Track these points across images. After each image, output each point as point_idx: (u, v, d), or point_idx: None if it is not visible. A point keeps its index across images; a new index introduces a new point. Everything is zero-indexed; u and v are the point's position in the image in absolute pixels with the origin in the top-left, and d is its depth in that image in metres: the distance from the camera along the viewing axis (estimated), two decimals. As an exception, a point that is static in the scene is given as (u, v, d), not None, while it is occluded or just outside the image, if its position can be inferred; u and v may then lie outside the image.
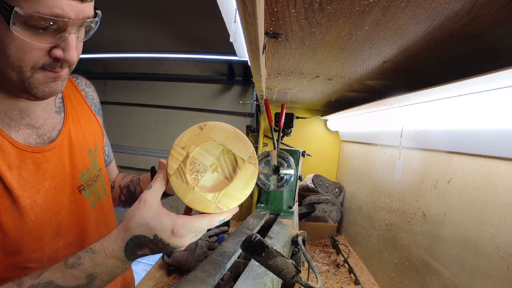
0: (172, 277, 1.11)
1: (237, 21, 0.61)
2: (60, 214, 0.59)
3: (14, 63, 0.47)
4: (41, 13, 0.43)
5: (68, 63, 0.50)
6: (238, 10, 0.41)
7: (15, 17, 0.42)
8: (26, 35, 0.45)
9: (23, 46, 0.46)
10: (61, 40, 0.48)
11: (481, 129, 0.72)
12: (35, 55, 0.47)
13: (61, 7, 0.44)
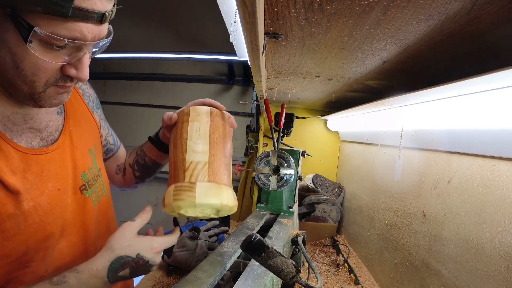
0: (172, 277, 1.11)
1: (237, 21, 0.62)
2: (64, 214, 0.59)
3: (27, 77, 0.48)
4: (60, 35, 0.44)
5: (81, 81, 0.52)
6: (238, 10, 0.41)
7: (33, 35, 0.43)
8: (41, 53, 0.46)
9: (38, 62, 0.47)
10: (75, 59, 0.49)
11: (481, 129, 0.72)
12: (49, 72, 0.49)
13: (80, 30, 0.46)
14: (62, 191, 0.59)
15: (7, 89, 0.51)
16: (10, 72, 0.48)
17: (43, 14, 0.43)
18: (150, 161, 0.81)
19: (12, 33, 0.45)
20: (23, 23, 0.43)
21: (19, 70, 0.47)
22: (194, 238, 1.14)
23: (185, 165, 0.56)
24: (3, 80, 0.50)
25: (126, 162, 0.85)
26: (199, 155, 0.57)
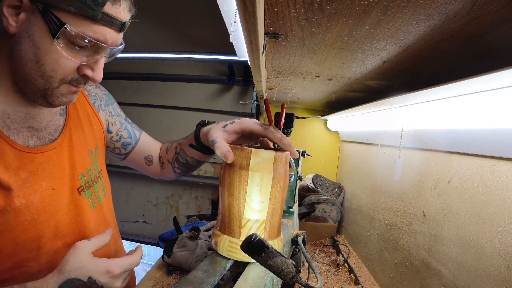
0: (172, 277, 1.11)
1: (237, 21, 0.61)
2: (58, 214, 0.59)
3: (45, 72, 0.50)
4: (87, 35, 0.48)
5: (95, 82, 0.55)
6: (238, 10, 0.41)
7: (62, 32, 0.47)
8: (65, 50, 0.49)
9: (59, 59, 0.49)
10: (92, 60, 0.52)
11: (481, 129, 0.72)
12: (67, 69, 0.51)
13: (104, 34, 0.50)
14: (57, 190, 0.58)
15: (19, 83, 0.52)
16: (29, 66, 0.49)
17: (75, 14, 0.46)
18: (193, 161, 0.79)
19: (39, 28, 0.47)
20: (54, 19, 0.46)
21: (39, 64, 0.49)
22: (194, 238, 1.14)
23: (241, 221, 0.57)
24: (18, 73, 0.51)
25: (164, 157, 0.83)
26: (257, 213, 0.56)
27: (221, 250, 0.59)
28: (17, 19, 0.48)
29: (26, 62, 0.49)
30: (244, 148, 0.56)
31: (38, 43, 0.48)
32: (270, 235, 0.59)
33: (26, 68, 0.50)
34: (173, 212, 2.30)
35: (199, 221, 1.58)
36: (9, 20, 0.48)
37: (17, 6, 0.48)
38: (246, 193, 0.56)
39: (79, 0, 0.46)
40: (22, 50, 0.49)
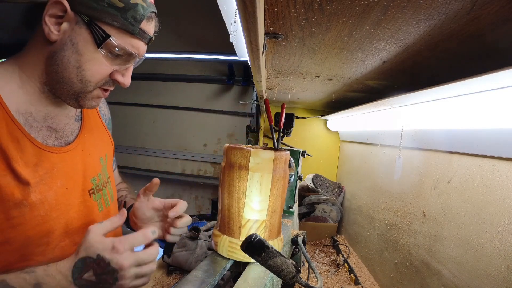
0: (172, 277, 1.11)
1: (237, 21, 0.61)
2: (69, 213, 0.61)
3: (84, 77, 0.56)
4: (126, 47, 0.55)
5: (125, 86, 0.61)
6: (238, 10, 0.41)
7: (106, 43, 0.53)
8: (105, 58, 0.56)
9: (99, 65, 0.56)
10: (123, 68, 0.59)
11: (481, 129, 0.72)
12: (104, 75, 0.57)
13: (138, 47, 0.58)
14: (70, 190, 0.62)
15: (54, 85, 0.57)
16: (69, 70, 0.55)
17: (117, 28, 0.54)
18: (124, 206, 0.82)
19: (84, 37, 0.53)
20: (99, 31, 0.52)
21: (80, 69, 0.55)
22: (194, 238, 1.14)
23: (241, 221, 0.57)
24: (57, 76, 0.56)
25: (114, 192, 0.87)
26: (257, 213, 0.56)
27: (221, 250, 0.59)
28: (59, 28, 0.53)
29: (67, 67, 0.55)
30: (243, 148, 0.56)
31: (82, 50, 0.54)
32: (270, 235, 0.59)
33: (65, 72, 0.55)
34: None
35: (199, 221, 1.58)
36: (51, 29, 0.52)
37: (60, 16, 0.52)
38: (245, 193, 0.56)
39: (122, 16, 0.53)
40: (64, 56, 0.54)
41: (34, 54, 0.57)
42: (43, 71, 0.57)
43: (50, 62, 0.55)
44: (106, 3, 0.52)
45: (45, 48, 0.55)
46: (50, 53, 0.55)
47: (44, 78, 0.57)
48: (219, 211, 0.61)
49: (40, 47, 0.56)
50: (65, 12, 0.52)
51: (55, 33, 0.53)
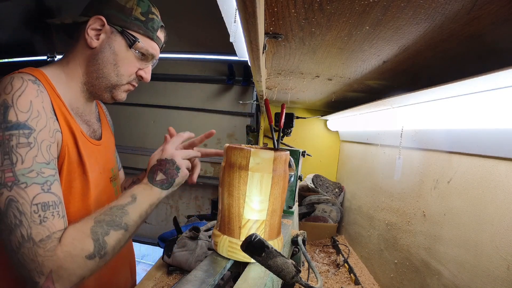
0: (172, 277, 1.11)
1: (237, 21, 0.61)
2: (101, 192, 0.77)
3: (119, 71, 0.74)
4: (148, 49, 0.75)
5: (146, 81, 0.80)
6: (238, 10, 0.41)
7: (135, 45, 0.73)
8: (134, 57, 0.75)
9: (130, 62, 0.75)
10: (145, 66, 0.79)
11: (481, 129, 0.72)
12: (132, 70, 0.76)
13: (155, 49, 0.78)
14: (102, 174, 0.79)
15: (94, 81, 0.74)
16: (108, 67, 0.73)
17: (142, 35, 0.74)
18: None
19: (118, 42, 0.72)
20: (130, 36, 0.72)
21: (116, 66, 0.73)
22: (194, 238, 1.14)
23: (241, 221, 0.57)
24: (97, 72, 0.73)
25: (122, 185, 0.99)
26: (257, 214, 0.56)
27: (221, 250, 0.59)
28: (98, 37, 0.71)
29: (107, 64, 0.72)
30: (243, 148, 0.56)
31: (117, 51, 0.72)
32: (270, 235, 0.59)
33: (105, 69, 0.73)
34: (173, 212, 2.31)
35: (199, 221, 1.58)
36: (92, 38, 0.70)
37: (99, 29, 0.71)
38: (245, 193, 0.56)
39: (145, 26, 0.73)
40: (104, 56, 0.72)
41: (76, 58, 0.73)
42: (84, 71, 0.73)
43: (91, 63, 0.72)
44: (133, 17, 0.72)
45: (86, 53, 0.72)
46: (91, 56, 0.72)
47: (84, 78, 0.74)
48: (219, 211, 0.61)
49: (81, 52, 0.72)
50: (103, 26, 0.70)
51: (95, 41, 0.71)
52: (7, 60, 2.83)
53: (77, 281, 0.57)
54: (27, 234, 0.54)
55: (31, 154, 0.57)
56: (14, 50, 2.71)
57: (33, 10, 2.43)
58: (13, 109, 0.57)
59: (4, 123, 0.56)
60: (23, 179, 0.55)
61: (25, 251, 0.54)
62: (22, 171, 0.55)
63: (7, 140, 0.56)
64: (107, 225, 0.61)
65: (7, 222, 0.54)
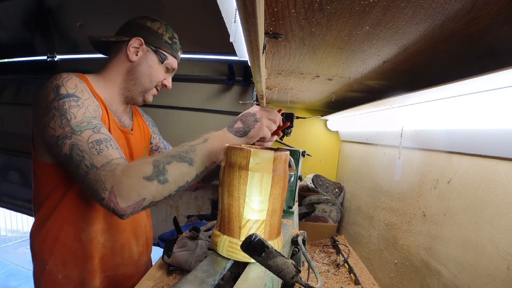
0: (172, 277, 1.11)
1: (237, 21, 0.61)
2: None
3: (152, 80, 0.96)
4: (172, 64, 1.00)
5: (169, 89, 1.03)
6: (238, 10, 0.41)
7: (165, 62, 0.97)
8: (163, 70, 0.98)
9: (159, 73, 0.97)
10: (168, 77, 1.02)
11: (481, 129, 0.72)
12: (161, 79, 0.98)
13: (175, 64, 1.01)
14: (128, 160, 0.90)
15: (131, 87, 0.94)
16: (144, 77, 0.94)
17: (169, 53, 0.97)
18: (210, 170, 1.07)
19: (152, 58, 0.94)
20: (162, 54, 0.96)
21: (150, 76, 0.95)
22: (194, 238, 1.14)
23: (241, 221, 0.56)
24: (134, 81, 0.94)
25: None
26: (257, 214, 0.56)
27: (221, 250, 0.59)
28: (136, 54, 0.92)
29: (143, 74, 0.94)
30: (243, 148, 0.56)
31: (152, 65, 0.95)
32: (270, 235, 0.59)
33: (142, 78, 0.94)
34: (173, 212, 2.30)
35: (199, 221, 1.58)
36: (132, 54, 0.91)
37: (137, 47, 0.92)
38: (245, 193, 0.56)
39: (171, 47, 0.97)
40: (142, 68, 0.93)
41: (115, 68, 0.93)
42: (122, 79, 0.93)
43: (130, 73, 0.93)
44: (164, 40, 0.95)
45: (125, 65, 0.93)
46: (130, 67, 0.93)
47: (122, 84, 0.93)
48: (219, 211, 0.61)
49: (121, 64, 0.93)
50: (140, 45, 0.92)
51: (134, 56, 0.92)
52: (7, 60, 2.83)
53: (138, 200, 0.68)
54: (90, 163, 0.69)
55: (81, 112, 0.75)
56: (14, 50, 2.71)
57: (33, 10, 2.43)
58: (63, 87, 0.76)
59: (58, 96, 0.75)
60: (78, 128, 0.72)
61: (91, 176, 0.69)
62: (76, 124, 0.73)
63: (61, 106, 0.74)
64: (171, 157, 0.72)
65: (73, 161, 0.70)
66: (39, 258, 0.88)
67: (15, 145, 2.83)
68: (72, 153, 0.70)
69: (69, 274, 0.87)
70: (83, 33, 2.40)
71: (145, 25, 0.93)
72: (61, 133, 0.72)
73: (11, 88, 2.83)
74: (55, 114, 0.73)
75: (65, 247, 0.86)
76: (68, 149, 0.71)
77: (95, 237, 0.88)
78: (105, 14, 2.26)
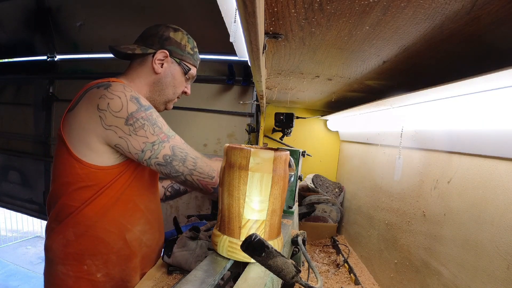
0: (172, 277, 1.11)
1: (237, 21, 0.61)
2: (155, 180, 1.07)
3: (176, 90, 1.02)
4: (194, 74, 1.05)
5: (187, 95, 1.08)
6: (238, 10, 0.41)
7: (188, 72, 1.01)
8: (185, 80, 1.03)
9: (182, 84, 1.03)
10: (188, 85, 1.07)
11: (481, 129, 0.72)
12: (182, 89, 1.04)
13: (195, 74, 1.05)
14: None
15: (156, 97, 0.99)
16: (169, 88, 1.00)
17: (191, 64, 1.02)
18: (184, 190, 1.30)
19: (176, 70, 0.99)
20: (186, 66, 1.00)
21: (174, 86, 1.01)
22: (194, 238, 1.14)
23: (241, 221, 0.57)
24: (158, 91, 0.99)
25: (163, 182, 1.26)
26: (257, 213, 0.56)
27: (221, 250, 0.59)
28: (162, 66, 0.96)
29: (168, 86, 0.99)
30: (243, 148, 0.56)
31: (176, 77, 1.00)
32: (270, 235, 0.59)
33: (167, 89, 0.99)
34: (173, 212, 2.30)
35: (199, 221, 1.57)
36: (158, 66, 0.95)
37: (162, 60, 0.96)
38: (245, 193, 0.56)
39: (193, 57, 1.01)
40: (167, 80, 0.98)
41: (141, 79, 0.97)
42: (148, 90, 0.98)
43: (155, 84, 0.97)
44: (187, 52, 0.99)
45: (151, 76, 0.97)
46: (156, 79, 0.97)
47: (147, 94, 0.98)
48: (219, 211, 0.61)
49: (147, 76, 0.97)
50: (165, 57, 0.96)
51: (160, 68, 0.96)
52: (7, 60, 2.83)
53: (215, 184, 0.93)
54: (195, 155, 0.90)
55: (163, 121, 0.88)
56: (14, 50, 2.71)
57: (33, 10, 2.43)
58: (141, 98, 0.86)
59: (142, 107, 0.84)
60: (171, 133, 0.88)
61: (200, 163, 0.90)
62: (167, 131, 0.87)
63: (150, 116, 0.84)
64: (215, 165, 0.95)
65: (178, 158, 0.86)
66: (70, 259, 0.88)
67: (15, 145, 2.83)
68: (175, 152, 0.86)
69: (110, 272, 0.91)
70: (83, 33, 2.40)
71: (168, 36, 0.96)
72: (156, 139, 0.83)
73: (11, 88, 2.83)
74: (144, 124, 0.82)
75: (108, 246, 0.90)
76: (169, 151, 0.85)
77: (139, 237, 0.97)
78: (105, 14, 2.26)
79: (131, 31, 2.18)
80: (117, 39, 2.14)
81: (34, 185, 2.76)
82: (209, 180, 0.90)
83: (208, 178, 0.90)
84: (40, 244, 4.20)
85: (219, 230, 0.60)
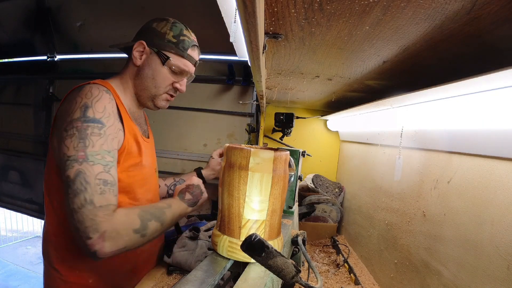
0: (172, 277, 1.11)
1: (237, 21, 0.61)
2: (151, 176, 0.99)
3: (157, 84, 0.92)
4: (179, 65, 0.91)
5: (182, 92, 0.97)
6: (238, 10, 0.41)
7: (167, 62, 0.89)
8: (168, 72, 0.91)
9: (165, 77, 0.92)
10: (179, 80, 0.95)
11: (481, 129, 0.72)
12: (167, 83, 0.93)
13: (187, 65, 0.93)
14: (152, 164, 1.01)
15: (139, 92, 0.93)
16: (148, 80, 0.91)
17: (174, 54, 0.90)
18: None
19: (154, 60, 0.90)
20: (164, 55, 0.89)
21: (154, 79, 0.91)
22: (194, 238, 1.14)
23: (241, 221, 0.57)
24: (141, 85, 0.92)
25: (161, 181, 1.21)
26: (257, 214, 0.56)
27: (221, 250, 0.59)
28: (141, 57, 0.90)
29: (147, 78, 0.91)
30: (243, 148, 0.56)
31: (154, 68, 0.90)
32: (270, 235, 0.59)
33: (146, 82, 0.91)
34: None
35: (199, 221, 1.57)
36: (137, 58, 0.90)
37: (141, 51, 0.90)
38: (245, 193, 0.56)
39: (176, 46, 0.90)
40: (145, 72, 0.90)
41: (127, 74, 0.92)
42: (133, 84, 0.93)
43: (137, 77, 0.92)
44: (166, 40, 0.89)
45: (133, 70, 0.92)
46: (137, 72, 0.91)
47: (133, 89, 0.93)
48: (219, 211, 0.61)
49: (131, 69, 0.92)
50: (144, 48, 0.89)
51: (139, 60, 0.90)
52: (7, 60, 2.83)
53: (120, 248, 0.71)
54: (90, 199, 0.69)
55: (100, 142, 0.74)
56: (14, 50, 2.71)
57: (33, 10, 2.43)
58: (91, 109, 0.76)
59: (83, 117, 0.74)
60: (92, 158, 0.72)
61: (86, 211, 0.68)
62: (91, 153, 0.72)
63: (84, 129, 0.73)
64: (150, 215, 0.79)
65: (74, 187, 0.69)
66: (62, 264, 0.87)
67: (15, 145, 2.83)
68: (76, 179, 0.69)
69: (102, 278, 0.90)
70: (83, 33, 2.40)
71: (150, 26, 0.91)
72: (73, 155, 0.71)
73: (11, 88, 2.83)
74: (74, 134, 0.72)
75: None
76: (73, 173, 0.69)
77: None
78: (105, 14, 2.26)
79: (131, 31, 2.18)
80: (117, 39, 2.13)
81: (34, 185, 2.76)
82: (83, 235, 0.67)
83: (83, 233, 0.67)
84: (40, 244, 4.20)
85: (219, 230, 0.60)
